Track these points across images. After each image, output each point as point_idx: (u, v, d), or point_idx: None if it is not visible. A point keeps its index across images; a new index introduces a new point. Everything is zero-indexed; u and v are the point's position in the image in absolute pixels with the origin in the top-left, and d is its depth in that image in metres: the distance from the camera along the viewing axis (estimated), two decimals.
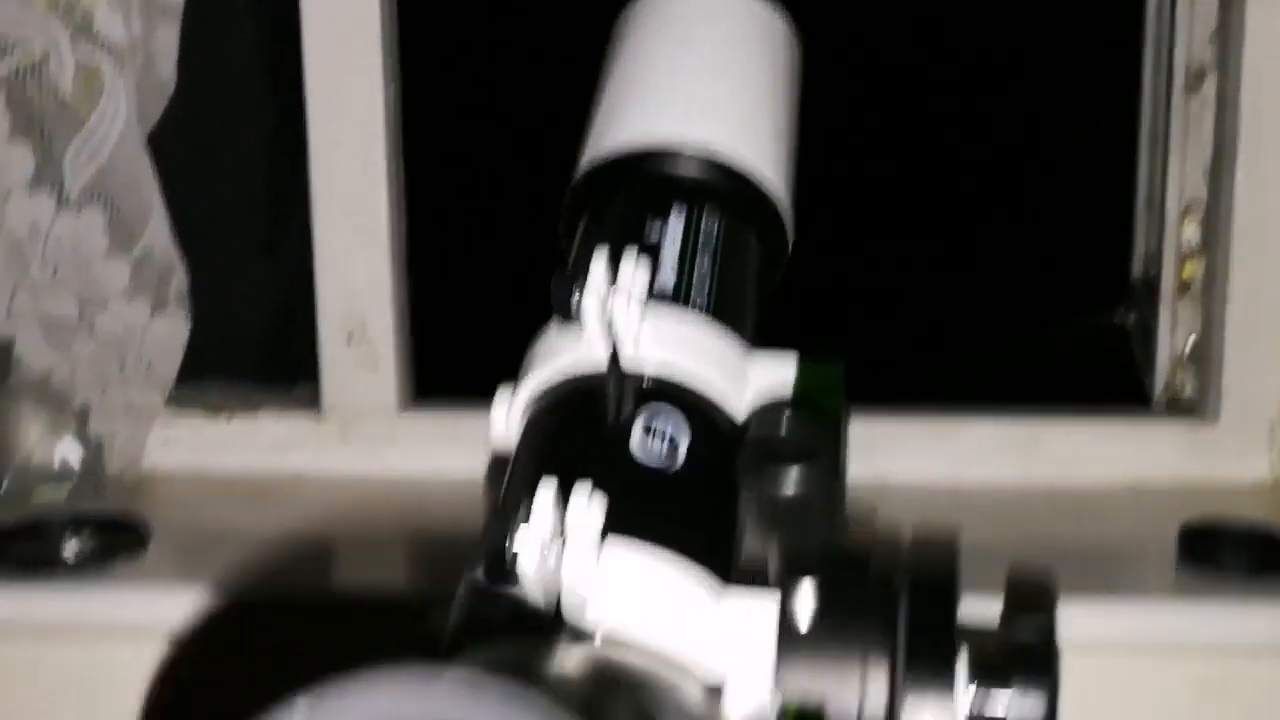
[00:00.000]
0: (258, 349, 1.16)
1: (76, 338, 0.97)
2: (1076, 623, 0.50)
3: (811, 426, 0.42)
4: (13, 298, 0.95)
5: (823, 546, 0.47)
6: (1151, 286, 1.10)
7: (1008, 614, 0.51)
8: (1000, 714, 0.49)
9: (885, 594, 0.50)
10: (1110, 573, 0.84)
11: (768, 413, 0.46)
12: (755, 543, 0.49)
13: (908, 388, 1.11)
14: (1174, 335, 1.03)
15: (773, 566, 0.47)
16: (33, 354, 0.97)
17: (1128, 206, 1.16)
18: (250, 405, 1.08)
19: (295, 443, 1.05)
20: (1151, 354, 1.06)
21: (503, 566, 0.34)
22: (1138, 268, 1.16)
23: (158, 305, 0.99)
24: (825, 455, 0.41)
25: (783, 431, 0.42)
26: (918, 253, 1.36)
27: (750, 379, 0.50)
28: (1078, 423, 1.00)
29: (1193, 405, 1.01)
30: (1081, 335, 1.22)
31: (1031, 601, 0.52)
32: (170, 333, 1.00)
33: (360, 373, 1.04)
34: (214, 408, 1.08)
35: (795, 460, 0.41)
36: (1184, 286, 1.00)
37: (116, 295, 0.97)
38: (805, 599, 0.48)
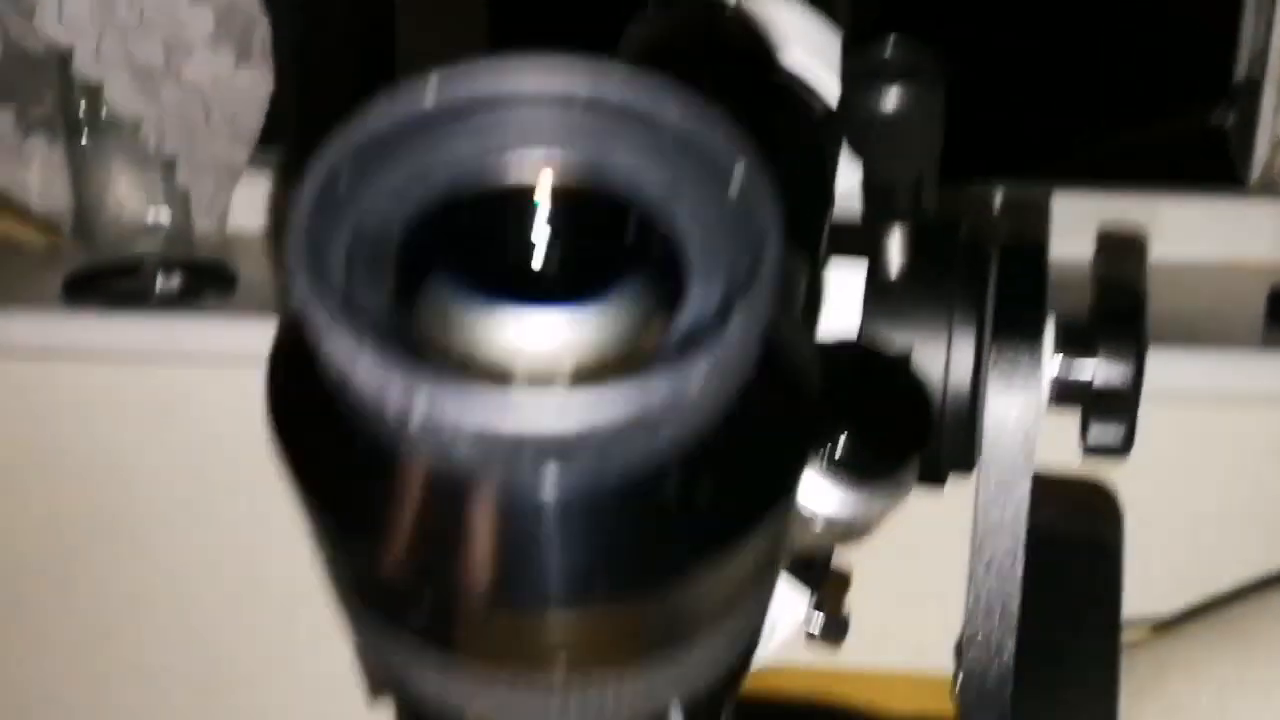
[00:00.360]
0: (341, 111, 1.16)
1: (164, 84, 0.98)
2: (1162, 373, 0.50)
3: (916, 48, 0.41)
4: (100, 40, 0.96)
5: (915, 195, 0.46)
6: (1254, 87, 1.07)
7: (1097, 282, 0.51)
8: (1087, 378, 0.50)
9: (977, 252, 0.50)
10: (1198, 331, 0.83)
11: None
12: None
13: (1010, 166, 1.09)
14: (1276, 118, 1.00)
15: (866, 205, 0.47)
16: (121, 100, 0.98)
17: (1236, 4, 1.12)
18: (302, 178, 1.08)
19: None
20: (1249, 152, 1.04)
21: None
22: (1241, 69, 1.13)
23: (242, 56, 0.99)
24: (928, 75, 0.41)
25: (886, 53, 0.41)
26: (1028, 44, 1.33)
27: None
28: (1173, 200, 0.98)
29: None
30: (1181, 132, 1.20)
31: (1120, 270, 0.51)
32: (254, 84, 1.00)
33: None
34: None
35: (899, 77, 0.41)
36: None
37: (201, 42, 0.97)
38: (896, 246, 0.48)
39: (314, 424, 0.21)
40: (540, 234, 0.22)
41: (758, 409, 0.21)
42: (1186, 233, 0.97)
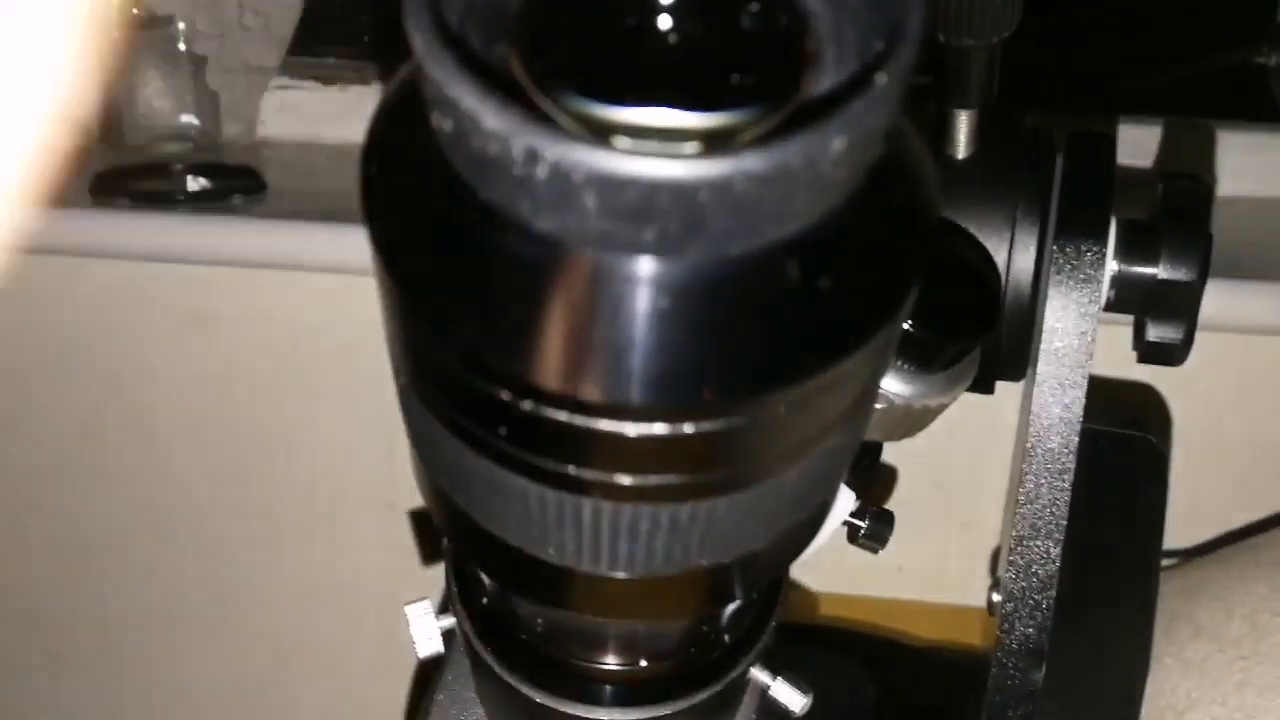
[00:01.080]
0: (374, 17, 1.15)
1: None
2: (1211, 305, 0.49)
3: None
4: None
5: (988, 75, 0.45)
6: None
7: (1161, 178, 0.50)
8: (1150, 276, 0.48)
9: (1043, 143, 0.49)
10: (1243, 263, 0.82)
11: None
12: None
13: (1048, 101, 1.07)
14: None
15: (937, 83, 0.46)
16: None
17: None
18: (364, 76, 1.07)
19: None
20: None
21: None
22: None
23: None
24: None
25: None
26: None
27: None
28: (1222, 135, 0.97)
29: None
30: (1223, 70, 1.19)
31: (1184, 179, 0.50)
32: None
33: None
34: (328, 78, 1.08)
35: None
36: None
37: None
38: (964, 128, 0.47)
39: (414, 210, 0.20)
40: (662, 21, 0.20)
41: (883, 197, 0.20)
42: (1236, 167, 0.96)
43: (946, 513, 0.89)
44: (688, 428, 0.20)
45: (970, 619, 0.73)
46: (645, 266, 0.19)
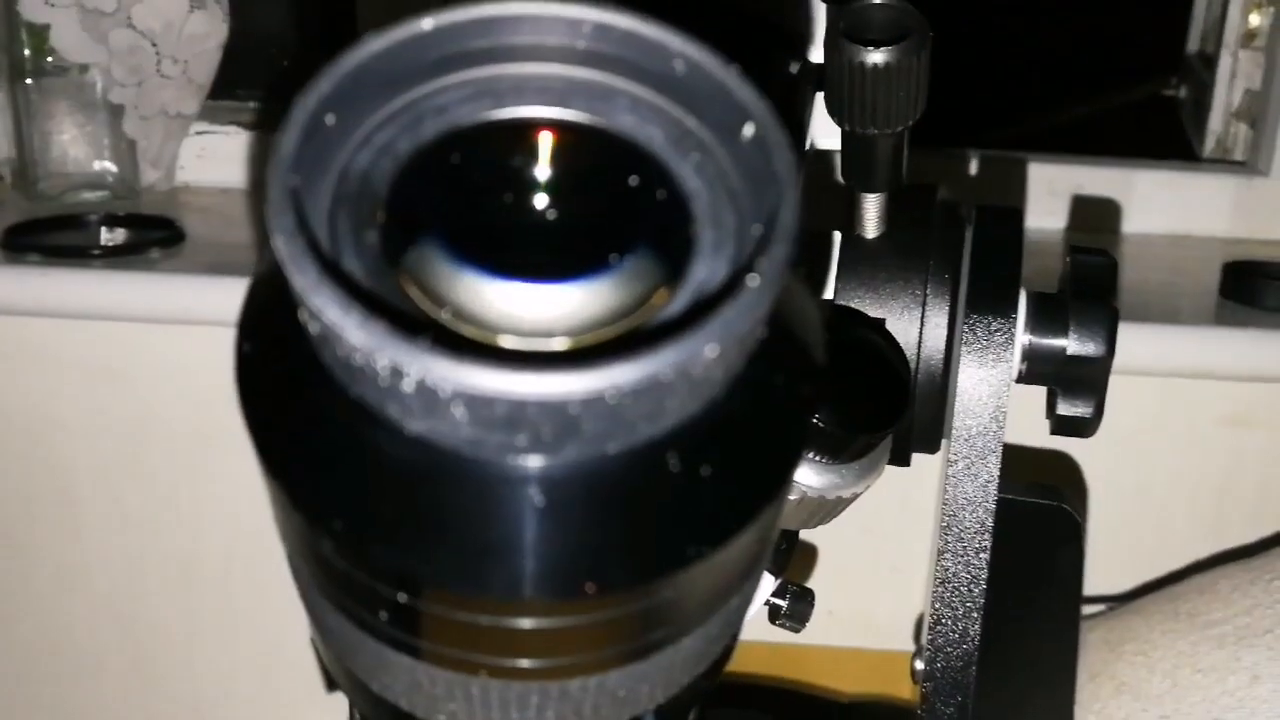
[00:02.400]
0: (295, 62, 1.14)
1: (113, 28, 0.95)
2: (1122, 347, 0.49)
3: (903, 8, 0.40)
4: None
5: (895, 157, 0.45)
6: (1207, 60, 1.08)
7: (1070, 253, 0.50)
8: (1059, 352, 0.49)
9: (952, 219, 0.49)
10: (1152, 306, 0.83)
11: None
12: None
13: (959, 134, 1.08)
14: (1231, 89, 1.01)
15: (845, 166, 0.46)
16: (69, 43, 0.95)
17: None
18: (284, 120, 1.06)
19: None
20: (1203, 123, 1.05)
21: None
22: (1194, 42, 1.14)
23: (196, 2, 0.96)
24: (916, 35, 0.40)
25: (873, 12, 0.40)
26: (979, 12, 1.32)
27: None
28: (1126, 171, 0.99)
29: (1241, 165, 1.01)
30: (1133, 103, 1.20)
31: (1092, 253, 0.51)
32: (207, 32, 0.98)
33: None
34: (249, 123, 1.06)
35: (887, 37, 0.40)
36: (1249, 36, 0.98)
37: None
38: (873, 209, 0.47)
39: (287, 395, 0.20)
40: (537, 198, 0.20)
41: (764, 377, 0.20)
42: (1142, 204, 0.97)
43: (875, 556, 0.90)
44: (573, 619, 0.20)
45: (899, 665, 0.74)
46: (521, 467, 0.19)
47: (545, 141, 0.21)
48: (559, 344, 0.19)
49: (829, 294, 0.47)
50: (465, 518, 0.19)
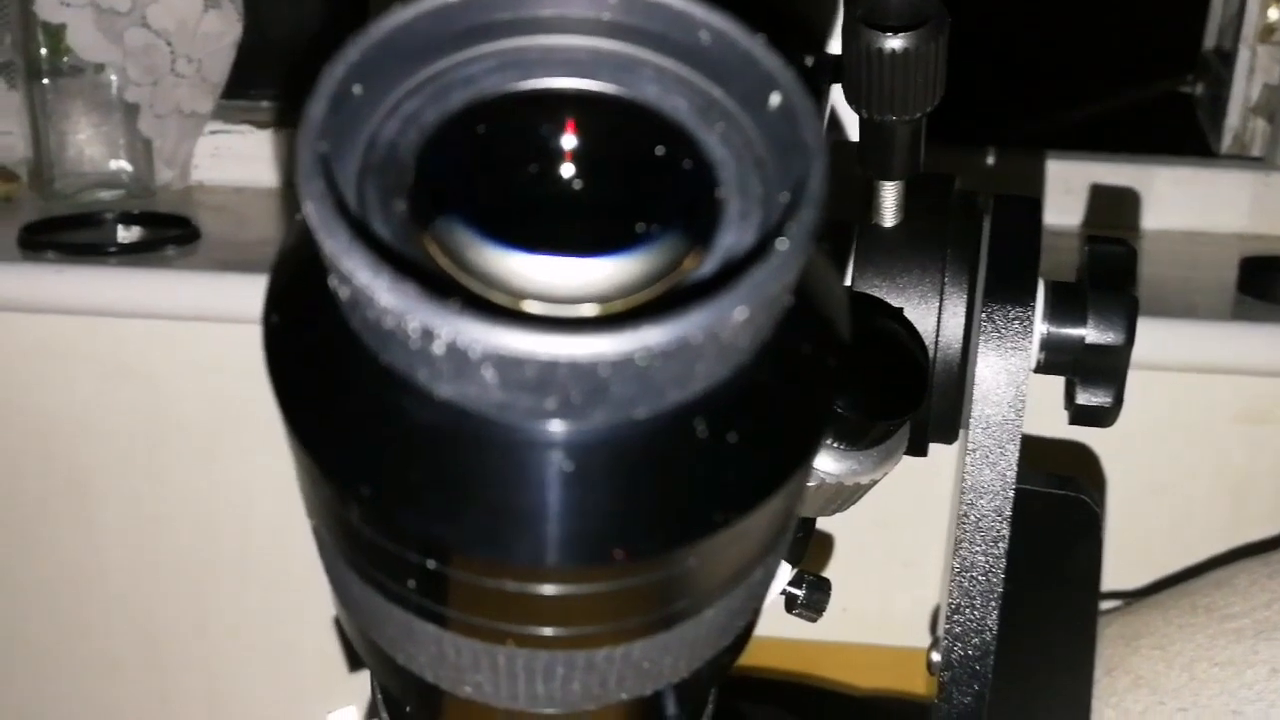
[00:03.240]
0: (308, 62, 1.14)
1: (128, 28, 0.95)
2: (1140, 343, 0.49)
3: None
4: None
5: (913, 145, 0.45)
6: (1224, 56, 1.08)
7: (1088, 243, 0.50)
8: (1078, 341, 0.49)
9: (970, 208, 0.49)
10: (1169, 301, 0.83)
11: None
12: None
13: (976, 132, 1.08)
14: (1249, 84, 1.01)
15: (863, 155, 0.46)
16: (84, 43, 0.96)
17: None
18: (298, 119, 1.06)
19: None
20: (1219, 119, 1.05)
21: None
22: (1211, 38, 1.14)
23: (210, 1, 0.97)
24: (935, 21, 0.40)
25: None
26: (997, 8, 1.32)
27: None
28: (1143, 167, 0.98)
29: (1259, 161, 1.00)
30: (1149, 100, 1.20)
31: (1111, 242, 0.51)
32: (222, 30, 0.98)
33: None
34: (262, 122, 1.07)
35: (905, 22, 0.40)
36: (1267, 31, 0.97)
37: None
38: (891, 197, 0.47)
39: (314, 364, 0.20)
40: (564, 169, 0.20)
41: (791, 346, 0.20)
42: (1159, 200, 0.97)
43: (889, 551, 0.90)
44: (599, 586, 0.20)
45: (914, 661, 0.73)
46: (549, 431, 0.19)
47: (571, 112, 0.21)
48: (587, 311, 0.19)
49: (846, 282, 0.47)
50: (494, 483, 0.19)
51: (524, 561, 0.19)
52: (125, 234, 0.94)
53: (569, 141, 0.21)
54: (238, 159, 1.06)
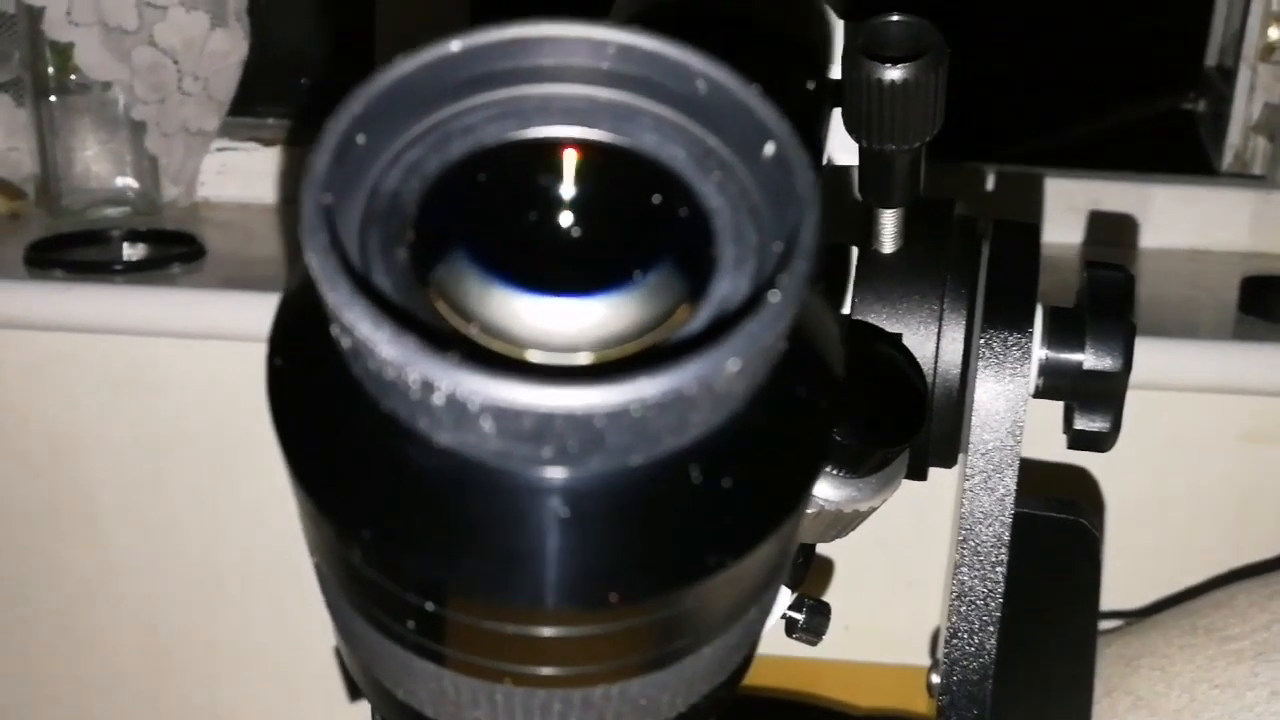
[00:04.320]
0: (313, 80, 1.15)
1: (135, 46, 0.96)
2: (1139, 363, 0.50)
3: (921, 25, 0.40)
4: (73, 1, 0.94)
5: (913, 173, 0.46)
6: (1226, 73, 1.08)
7: (1086, 268, 0.51)
8: (1075, 366, 0.49)
9: (969, 233, 0.49)
10: (1170, 320, 0.83)
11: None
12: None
13: (976, 149, 1.09)
14: (1250, 103, 1.01)
15: (862, 181, 0.46)
16: (92, 61, 0.96)
17: None
18: (305, 137, 1.07)
19: None
20: (1221, 136, 1.05)
21: None
22: (1213, 55, 1.14)
23: (217, 20, 0.97)
24: (934, 52, 0.40)
25: (891, 29, 0.41)
26: (996, 26, 1.32)
27: None
28: (1144, 186, 0.99)
29: (1260, 179, 1.01)
30: (1150, 117, 1.21)
31: (1109, 268, 0.51)
32: (228, 49, 0.99)
33: None
34: (268, 140, 1.07)
35: (906, 53, 0.40)
36: (1268, 50, 0.98)
37: (175, 4, 0.95)
38: (890, 224, 0.47)
39: (317, 408, 0.20)
40: (563, 216, 0.21)
41: (785, 389, 0.20)
42: (1160, 219, 0.97)
43: (890, 571, 0.90)
44: (597, 628, 0.20)
45: (915, 680, 0.74)
46: (547, 478, 0.19)
47: (570, 160, 0.21)
48: (584, 359, 0.20)
49: (846, 308, 0.47)
50: (492, 528, 0.19)
51: (523, 604, 0.19)
52: (131, 251, 0.95)
53: (567, 189, 0.21)
54: (243, 176, 1.07)
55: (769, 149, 0.20)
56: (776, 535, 0.20)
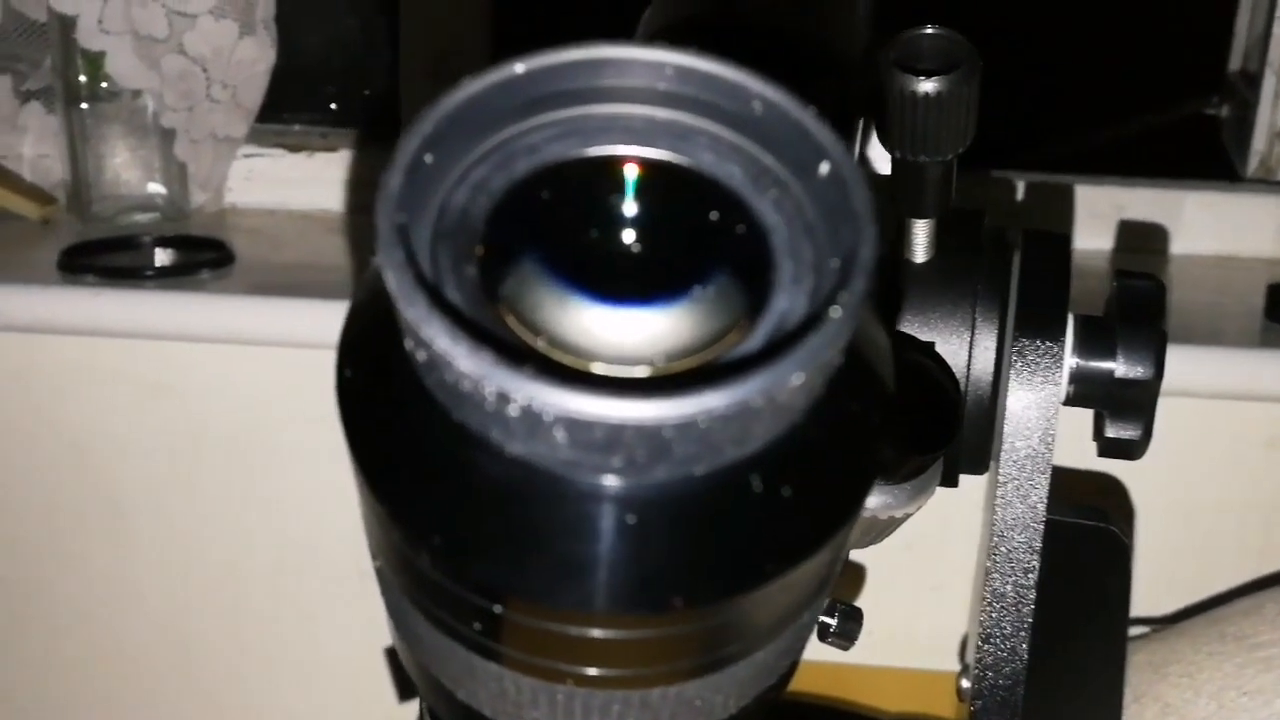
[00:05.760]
0: (339, 86, 1.16)
1: (165, 55, 0.97)
2: (1167, 369, 0.50)
3: (955, 38, 0.41)
4: (103, 8, 0.95)
5: (944, 184, 0.46)
6: (1250, 79, 1.08)
7: (1116, 277, 0.51)
8: (1107, 374, 0.50)
9: (1000, 244, 0.50)
10: (1196, 327, 0.83)
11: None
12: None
13: (998, 156, 1.09)
14: (1275, 108, 1.01)
15: (895, 193, 0.46)
16: (122, 69, 0.97)
17: None
18: (331, 143, 1.08)
19: (377, 180, 1.05)
20: (1246, 140, 1.05)
21: None
22: (1236, 60, 1.14)
23: (245, 28, 0.98)
24: (968, 65, 0.40)
25: (925, 42, 0.41)
26: (1017, 32, 1.33)
27: None
28: (1170, 192, 0.99)
29: None
30: (1173, 123, 1.21)
31: (1139, 277, 0.52)
32: (256, 57, 1.00)
33: None
34: (295, 146, 1.08)
35: (940, 66, 0.40)
36: None
37: (205, 13, 0.96)
38: (922, 234, 0.48)
39: (388, 418, 0.21)
40: (625, 233, 0.21)
41: (841, 403, 0.21)
42: (1187, 226, 0.98)
43: (916, 575, 0.90)
44: (659, 631, 0.21)
45: (941, 685, 0.74)
46: (613, 486, 0.20)
47: (630, 179, 0.22)
48: (643, 372, 0.20)
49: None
50: (559, 535, 0.20)
51: (589, 608, 0.20)
52: (162, 257, 0.96)
53: (629, 207, 0.22)
54: (270, 182, 1.08)
55: (824, 168, 0.21)
56: (831, 543, 0.21)
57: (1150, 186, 0.99)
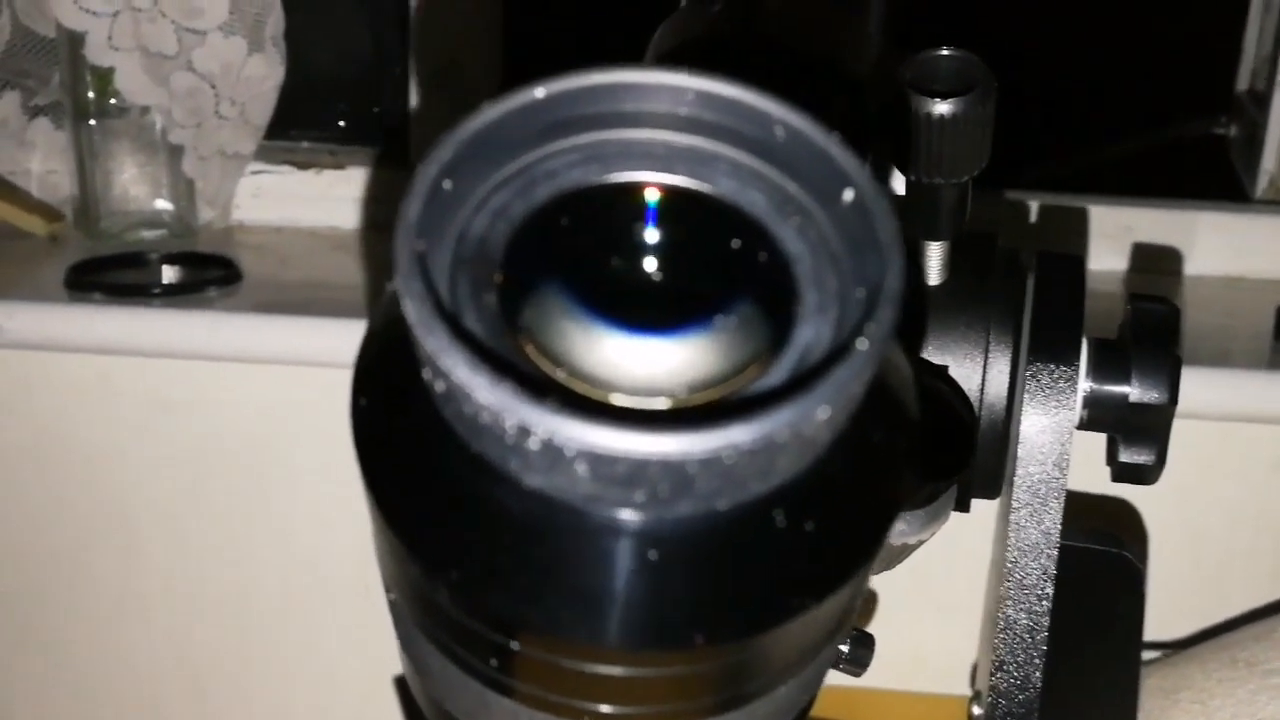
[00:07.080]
0: (348, 104, 1.15)
1: (174, 72, 0.97)
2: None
3: (970, 59, 0.41)
4: (113, 25, 0.95)
5: (959, 206, 0.46)
6: (1258, 98, 1.08)
7: (1130, 300, 0.51)
8: (1123, 393, 0.49)
9: (1014, 266, 0.49)
10: (1205, 349, 0.83)
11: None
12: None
13: (1006, 174, 1.09)
14: None
15: (908, 215, 0.46)
16: (131, 86, 0.97)
17: (1242, 12, 1.13)
18: (339, 160, 1.08)
19: (385, 197, 1.05)
20: (1255, 160, 1.05)
21: None
22: (1244, 80, 1.14)
23: (254, 45, 0.98)
24: (983, 86, 0.40)
25: (941, 64, 0.41)
26: (1025, 51, 1.33)
27: None
28: (1181, 213, 0.99)
29: None
30: (1181, 142, 1.20)
31: (1153, 300, 0.51)
32: (265, 74, 0.99)
33: None
34: (303, 163, 1.08)
35: (956, 88, 0.40)
36: None
37: (214, 30, 0.96)
38: (935, 257, 0.48)
39: (404, 448, 0.21)
40: (646, 261, 0.21)
41: (865, 434, 0.20)
42: (1198, 246, 0.97)
43: (925, 598, 0.90)
44: (682, 668, 0.20)
45: (951, 709, 0.73)
46: (634, 521, 0.19)
47: (652, 205, 0.21)
48: (662, 404, 0.20)
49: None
50: (580, 570, 0.19)
51: (609, 645, 0.19)
52: (170, 274, 0.95)
53: (650, 234, 0.21)
54: (278, 199, 1.08)
55: (848, 195, 0.20)
56: (856, 578, 0.21)
57: (1160, 207, 0.99)
